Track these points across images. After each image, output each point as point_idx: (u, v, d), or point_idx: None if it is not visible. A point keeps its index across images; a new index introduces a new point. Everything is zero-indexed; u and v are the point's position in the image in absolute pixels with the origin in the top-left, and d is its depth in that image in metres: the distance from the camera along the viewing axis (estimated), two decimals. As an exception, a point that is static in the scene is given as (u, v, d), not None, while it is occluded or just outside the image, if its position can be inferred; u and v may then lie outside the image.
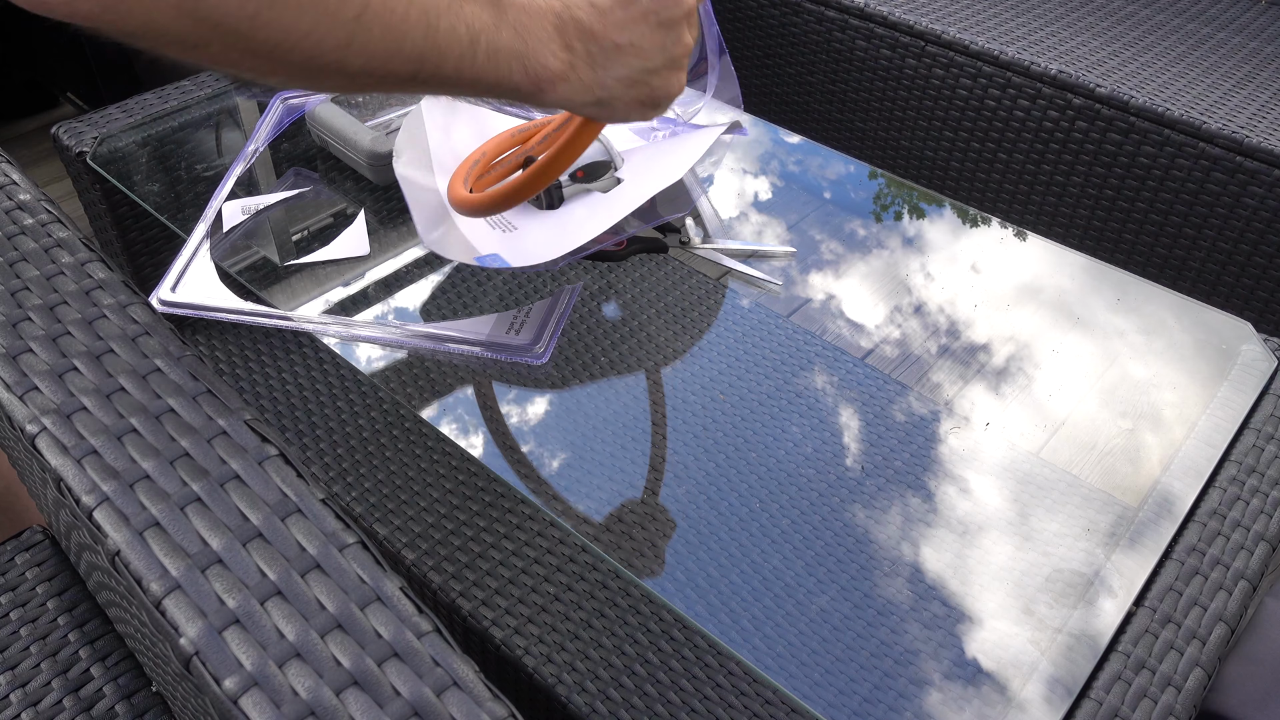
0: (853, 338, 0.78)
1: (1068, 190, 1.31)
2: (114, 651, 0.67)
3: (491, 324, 0.77)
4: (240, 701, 0.33)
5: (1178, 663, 0.56)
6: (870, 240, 0.89)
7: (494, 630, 0.81)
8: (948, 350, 0.77)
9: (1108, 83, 1.21)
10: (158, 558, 0.37)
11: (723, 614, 0.58)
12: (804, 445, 0.69)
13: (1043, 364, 0.76)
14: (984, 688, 0.55)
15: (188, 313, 0.79)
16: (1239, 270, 1.20)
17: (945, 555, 0.62)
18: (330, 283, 0.82)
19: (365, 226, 0.87)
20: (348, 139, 0.90)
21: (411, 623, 0.36)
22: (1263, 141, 1.11)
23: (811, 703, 0.55)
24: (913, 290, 0.83)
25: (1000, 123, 1.32)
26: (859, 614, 0.59)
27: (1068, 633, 0.57)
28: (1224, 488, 0.66)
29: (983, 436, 0.70)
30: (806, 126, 1.56)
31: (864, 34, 1.39)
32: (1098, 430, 0.71)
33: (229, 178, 0.88)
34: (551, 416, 0.71)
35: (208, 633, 0.35)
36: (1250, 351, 0.76)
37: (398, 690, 0.34)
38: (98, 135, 0.95)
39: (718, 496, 0.65)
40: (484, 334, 0.76)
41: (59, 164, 1.02)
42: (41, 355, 0.44)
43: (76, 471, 0.39)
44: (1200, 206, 1.19)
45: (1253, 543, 0.62)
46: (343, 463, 0.95)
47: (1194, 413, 0.72)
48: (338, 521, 0.39)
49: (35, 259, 0.49)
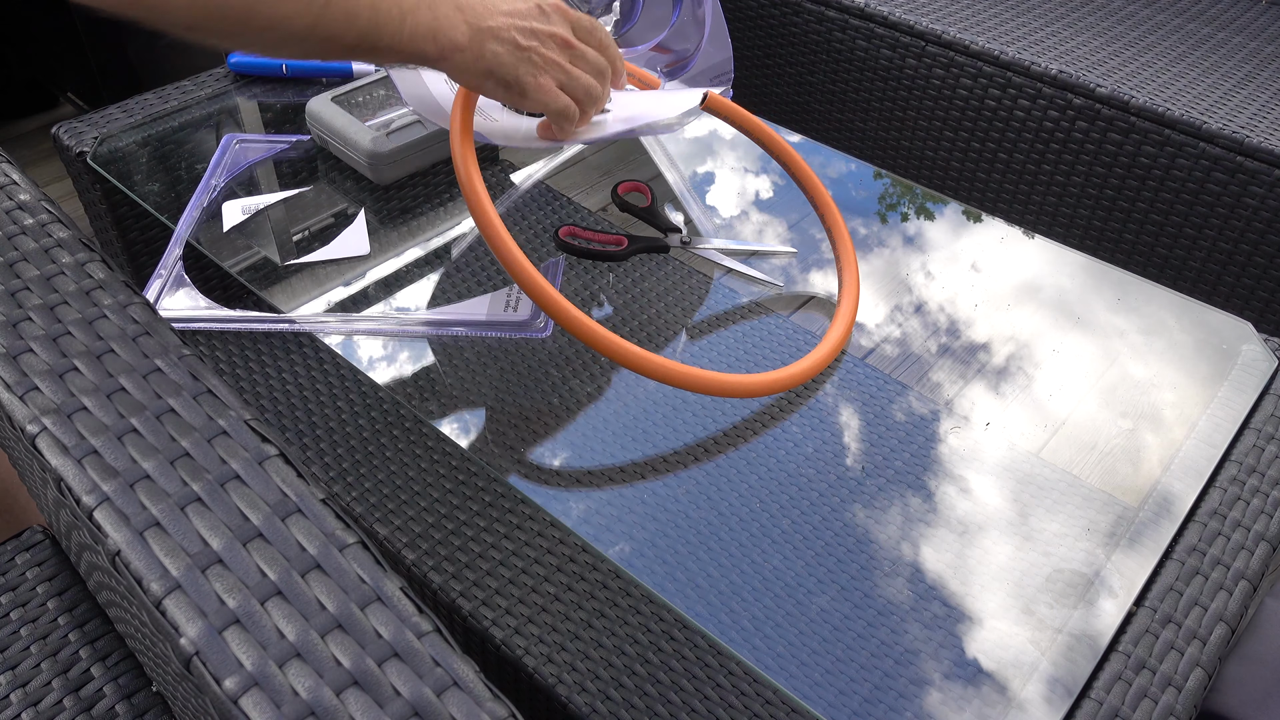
0: (853, 337, 0.78)
1: (1068, 190, 1.31)
2: (114, 651, 0.67)
3: (488, 304, 0.77)
4: (240, 701, 0.33)
5: (1178, 663, 0.56)
6: (870, 240, 0.89)
7: (494, 630, 0.81)
8: (948, 350, 0.77)
9: (1108, 83, 1.21)
10: (158, 557, 0.37)
11: (723, 614, 0.58)
12: (804, 445, 0.69)
13: (1043, 364, 0.76)
14: (984, 688, 0.55)
15: (177, 325, 0.80)
16: (1239, 270, 1.20)
17: (945, 555, 0.62)
18: (330, 282, 0.82)
19: (365, 226, 0.87)
20: (347, 138, 0.90)
21: (412, 623, 0.36)
22: (1263, 141, 1.11)
23: (812, 703, 0.55)
24: (913, 290, 0.83)
25: (1000, 123, 1.32)
26: (859, 614, 0.59)
27: (1068, 633, 0.57)
28: (1224, 488, 0.66)
29: (983, 436, 0.70)
30: (807, 126, 1.56)
31: (864, 34, 1.39)
32: (1098, 430, 0.71)
33: (190, 212, 0.87)
34: (551, 416, 0.71)
35: (208, 633, 0.35)
36: (1250, 351, 0.76)
37: (398, 690, 0.34)
38: (98, 135, 0.95)
39: (718, 496, 0.65)
40: (482, 314, 0.76)
41: (59, 164, 1.02)
42: (41, 355, 0.44)
43: (77, 471, 0.39)
44: (1201, 206, 1.19)
45: (1253, 543, 0.62)
46: (343, 463, 0.95)
47: (1194, 413, 0.72)
48: (338, 521, 0.39)
49: (35, 259, 0.49)
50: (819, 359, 0.71)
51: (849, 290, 0.77)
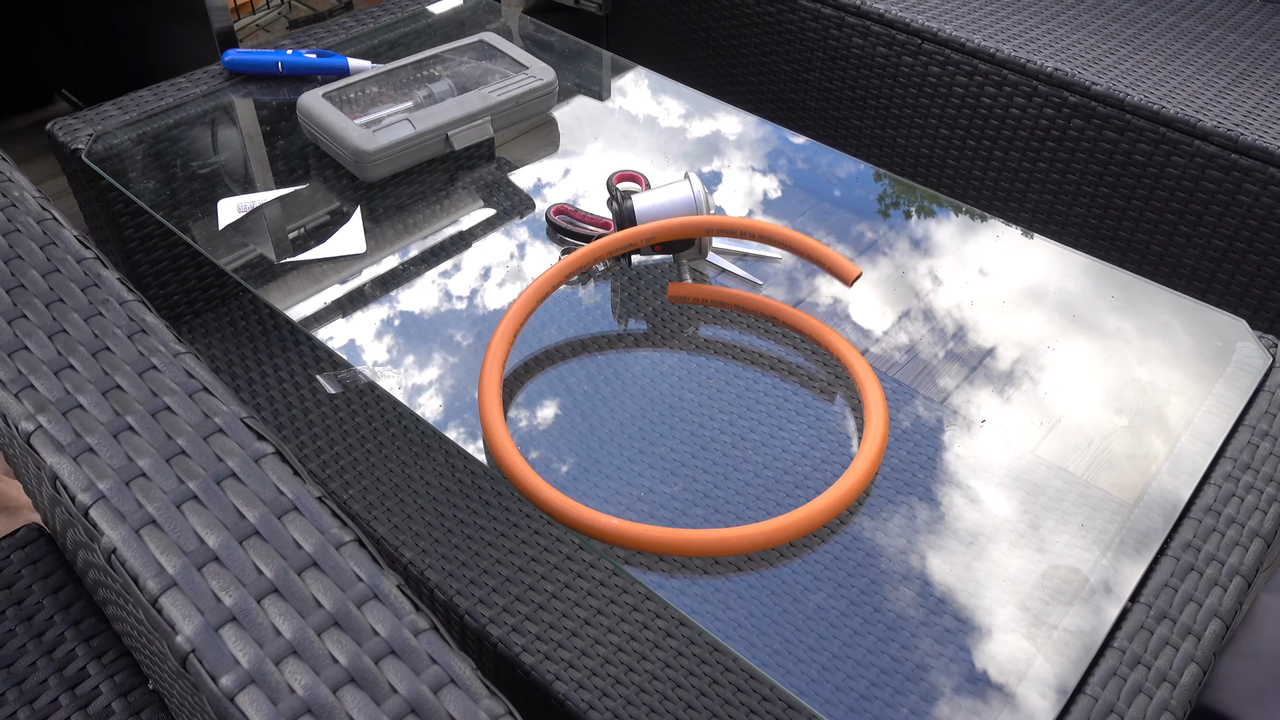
0: (849, 336, 0.78)
1: (1063, 188, 1.31)
2: (110, 649, 0.67)
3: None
4: (237, 699, 0.33)
5: (1173, 659, 0.56)
6: (866, 238, 0.89)
7: (491, 628, 0.81)
8: (943, 348, 0.77)
9: (1103, 80, 1.22)
10: (154, 555, 0.37)
11: (719, 610, 0.59)
12: (800, 441, 0.69)
13: (1038, 361, 0.76)
14: (980, 684, 0.55)
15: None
16: (1234, 267, 1.20)
17: (941, 552, 0.62)
18: (326, 281, 0.82)
19: (361, 224, 0.87)
20: (335, 135, 0.89)
21: (408, 620, 0.36)
22: (1257, 139, 1.12)
23: (808, 699, 0.55)
24: (908, 288, 0.83)
25: (996, 120, 1.32)
26: (855, 610, 0.59)
27: (1063, 629, 0.57)
28: (1219, 484, 0.66)
29: (978, 433, 0.70)
30: (802, 124, 1.56)
31: (860, 31, 1.39)
32: (1093, 427, 0.71)
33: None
34: (549, 415, 0.71)
35: (204, 630, 0.35)
36: (1245, 349, 0.77)
37: (394, 688, 0.34)
38: (93, 132, 0.95)
39: (715, 494, 0.65)
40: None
41: (54, 161, 1.01)
42: (37, 352, 0.44)
43: (72, 469, 0.39)
44: (1195, 204, 1.20)
45: (1247, 539, 0.62)
46: (340, 460, 0.95)
47: (1189, 409, 0.72)
48: (334, 519, 0.39)
49: (30, 256, 0.49)
50: (835, 500, 0.62)
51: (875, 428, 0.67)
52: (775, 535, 0.60)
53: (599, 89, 1.09)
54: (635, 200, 0.79)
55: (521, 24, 1.21)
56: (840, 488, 0.62)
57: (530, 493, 0.61)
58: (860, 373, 0.70)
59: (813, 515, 0.60)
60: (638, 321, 0.79)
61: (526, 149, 0.99)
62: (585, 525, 0.59)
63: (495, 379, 0.67)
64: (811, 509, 0.60)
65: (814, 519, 0.60)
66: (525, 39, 1.17)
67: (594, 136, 1.00)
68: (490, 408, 0.65)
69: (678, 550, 0.59)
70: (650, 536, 0.59)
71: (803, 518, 0.60)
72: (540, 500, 0.60)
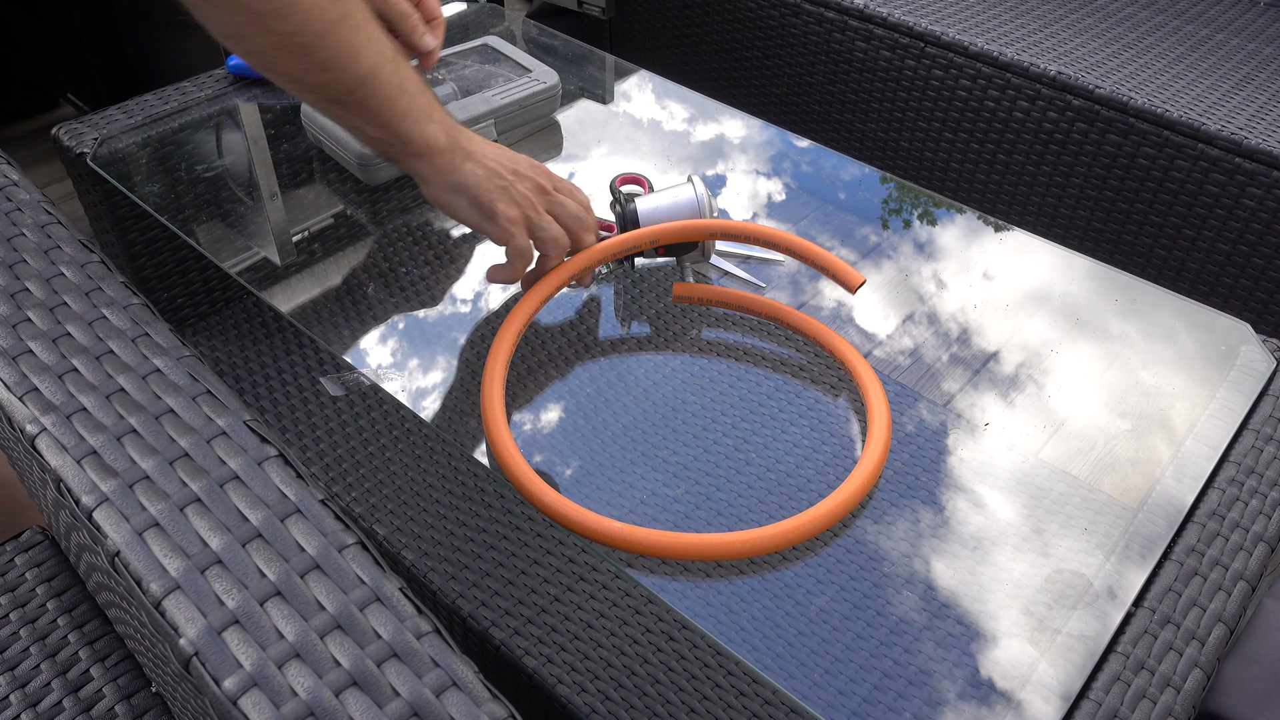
0: (851, 338, 0.78)
1: (1067, 191, 1.31)
2: (114, 652, 0.67)
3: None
4: (240, 702, 0.33)
5: (1177, 663, 0.56)
6: (869, 241, 0.89)
7: (494, 631, 0.81)
8: (946, 351, 0.77)
9: (1107, 84, 1.21)
10: (157, 558, 0.37)
11: (721, 614, 0.58)
12: (803, 444, 0.69)
13: (1042, 365, 0.76)
14: (983, 688, 0.55)
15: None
16: (1238, 271, 1.20)
17: (944, 556, 0.62)
18: (329, 284, 0.82)
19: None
20: (339, 138, 0.90)
21: (411, 623, 0.36)
22: (1261, 143, 1.12)
23: (810, 703, 0.55)
24: (912, 291, 0.83)
25: (1000, 124, 1.32)
26: (858, 614, 0.59)
27: (1067, 633, 0.57)
28: (1223, 489, 0.66)
29: (982, 437, 0.70)
30: (806, 127, 1.56)
31: (863, 35, 1.39)
32: (1097, 431, 0.71)
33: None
34: (552, 418, 0.71)
35: (207, 633, 0.35)
36: (1249, 352, 0.77)
37: (397, 691, 0.34)
38: (98, 136, 0.95)
39: (718, 497, 0.65)
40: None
41: (59, 165, 1.02)
42: (41, 356, 0.44)
43: (76, 472, 0.40)
44: (1199, 208, 1.19)
45: (1251, 544, 0.62)
46: (343, 463, 0.95)
47: (1193, 413, 0.72)
48: (337, 522, 0.39)
49: (35, 260, 0.49)
50: (836, 506, 0.61)
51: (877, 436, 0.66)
52: (778, 539, 0.59)
53: (602, 92, 1.09)
54: (639, 203, 0.79)
55: (525, 28, 1.22)
56: (844, 492, 0.62)
57: (533, 496, 0.61)
58: (864, 376, 0.70)
59: (816, 519, 0.60)
60: (641, 324, 0.79)
61: (530, 152, 0.99)
62: (588, 529, 0.59)
63: (498, 382, 0.67)
64: (815, 513, 0.60)
65: (817, 523, 0.60)
66: (529, 43, 1.18)
67: (597, 140, 1.00)
68: (493, 410, 0.65)
69: (680, 554, 0.59)
70: (653, 540, 0.59)
71: (806, 522, 0.60)
72: (543, 504, 0.60)
